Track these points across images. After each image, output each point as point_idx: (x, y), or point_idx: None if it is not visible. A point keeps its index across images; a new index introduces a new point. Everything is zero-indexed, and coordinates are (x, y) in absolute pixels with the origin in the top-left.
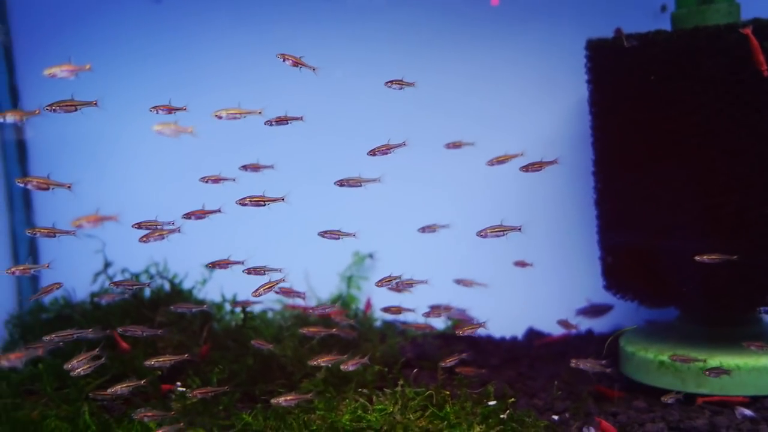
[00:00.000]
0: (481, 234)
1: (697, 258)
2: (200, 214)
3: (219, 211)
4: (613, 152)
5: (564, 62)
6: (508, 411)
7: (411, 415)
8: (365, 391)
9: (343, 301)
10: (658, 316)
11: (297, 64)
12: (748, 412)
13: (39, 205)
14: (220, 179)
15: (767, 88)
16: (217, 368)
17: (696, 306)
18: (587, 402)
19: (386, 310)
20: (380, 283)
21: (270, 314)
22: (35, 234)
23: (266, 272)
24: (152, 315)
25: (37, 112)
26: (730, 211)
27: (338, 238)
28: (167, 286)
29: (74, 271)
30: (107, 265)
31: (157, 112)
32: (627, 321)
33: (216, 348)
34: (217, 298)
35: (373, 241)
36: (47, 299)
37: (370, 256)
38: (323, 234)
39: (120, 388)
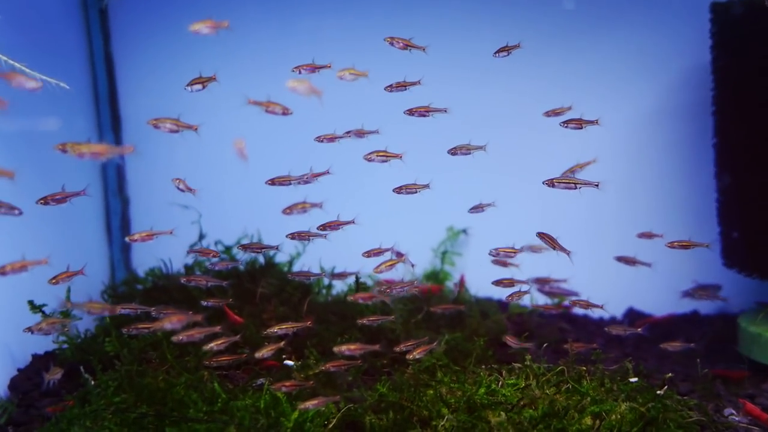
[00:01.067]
0: (548, 183)
1: None
2: (310, 177)
3: (327, 172)
4: (741, 121)
5: (668, 30)
6: (666, 387)
7: (548, 390)
8: (493, 365)
9: (437, 277)
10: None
11: (407, 46)
12: None
13: (132, 175)
14: (336, 137)
15: None
16: (340, 338)
17: None
18: (714, 383)
19: (498, 282)
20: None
21: None
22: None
23: (310, 237)
24: (251, 287)
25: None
26: None
27: (416, 192)
28: (262, 259)
29: (167, 243)
30: (202, 236)
31: (300, 72)
32: (734, 302)
33: (317, 321)
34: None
35: (467, 216)
36: (142, 271)
37: (464, 231)
38: (398, 190)
39: (264, 353)
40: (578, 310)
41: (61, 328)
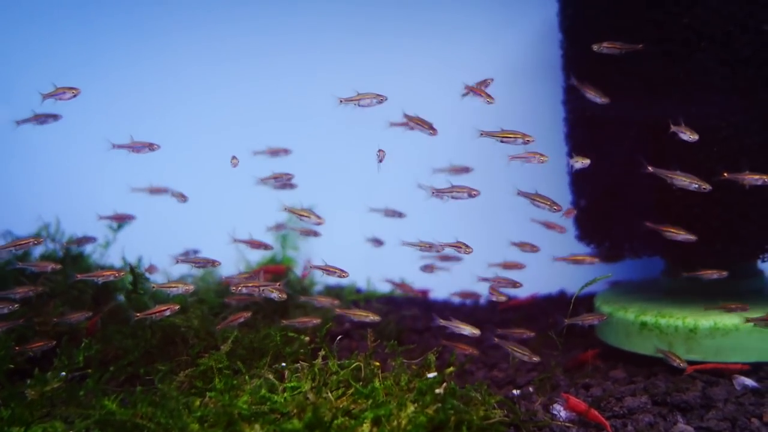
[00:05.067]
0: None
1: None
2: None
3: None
4: (586, 77)
5: None
6: (444, 384)
7: (329, 394)
8: (283, 365)
9: (277, 263)
10: (635, 274)
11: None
12: (749, 381)
13: None
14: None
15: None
16: (84, 342)
17: (685, 255)
18: (555, 373)
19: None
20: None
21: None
22: None
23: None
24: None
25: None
26: (728, 135)
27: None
28: (60, 251)
29: None
30: None
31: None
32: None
33: (115, 321)
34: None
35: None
36: None
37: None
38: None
39: None
40: (437, 296)
41: None
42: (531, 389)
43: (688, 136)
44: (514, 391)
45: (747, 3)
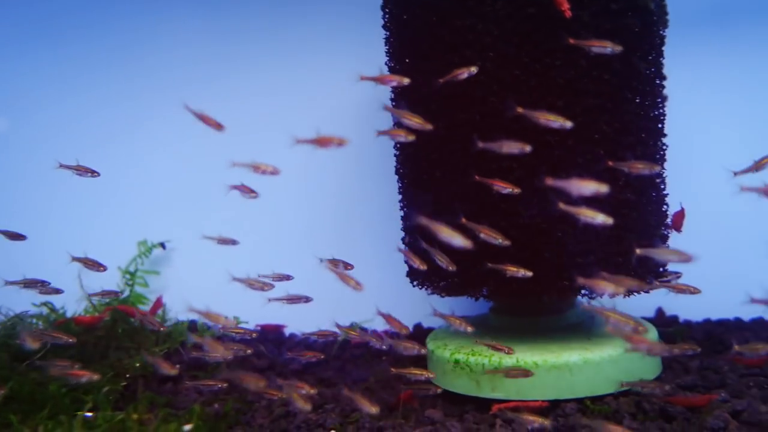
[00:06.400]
0: None
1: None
2: None
3: None
4: (413, 110)
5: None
6: None
7: None
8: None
9: (124, 302)
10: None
11: None
12: (536, 424)
13: None
14: None
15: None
16: None
17: (497, 292)
18: (360, 415)
19: None
20: None
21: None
22: None
23: None
24: None
25: None
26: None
27: None
28: None
29: None
30: None
31: None
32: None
33: None
34: None
35: (167, 229)
36: None
37: (162, 245)
38: None
39: None
40: (294, 329)
41: None
42: None
43: None
44: None
45: None
